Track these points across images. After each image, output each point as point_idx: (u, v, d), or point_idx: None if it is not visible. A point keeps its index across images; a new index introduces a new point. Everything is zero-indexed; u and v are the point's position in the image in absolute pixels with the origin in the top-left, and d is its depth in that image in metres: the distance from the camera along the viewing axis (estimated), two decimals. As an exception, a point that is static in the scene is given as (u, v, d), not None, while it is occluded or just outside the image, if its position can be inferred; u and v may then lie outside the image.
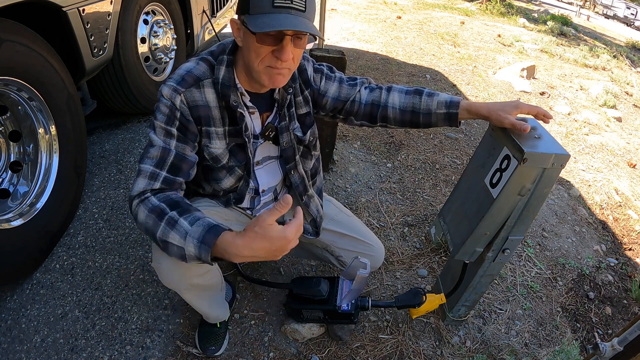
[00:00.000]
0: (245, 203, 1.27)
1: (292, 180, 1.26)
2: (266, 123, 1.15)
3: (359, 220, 1.50)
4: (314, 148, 1.30)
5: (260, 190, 1.27)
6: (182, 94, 1.00)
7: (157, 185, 0.99)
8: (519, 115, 1.11)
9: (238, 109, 1.05)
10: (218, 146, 1.09)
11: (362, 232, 1.43)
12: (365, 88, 1.25)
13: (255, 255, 0.83)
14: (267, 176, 1.26)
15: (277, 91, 1.13)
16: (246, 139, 1.10)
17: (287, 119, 1.16)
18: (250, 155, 1.14)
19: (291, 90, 1.12)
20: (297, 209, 0.86)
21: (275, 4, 0.88)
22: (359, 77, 1.27)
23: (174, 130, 1.01)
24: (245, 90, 1.07)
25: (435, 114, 1.18)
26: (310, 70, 1.19)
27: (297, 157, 1.24)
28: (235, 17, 0.99)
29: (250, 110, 1.10)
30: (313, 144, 1.28)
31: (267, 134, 1.15)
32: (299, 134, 1.20)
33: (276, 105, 1.15)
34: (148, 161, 1.00)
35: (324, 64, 1.25)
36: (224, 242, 0.83)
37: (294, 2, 0.89)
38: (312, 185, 1.34)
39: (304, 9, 0.91)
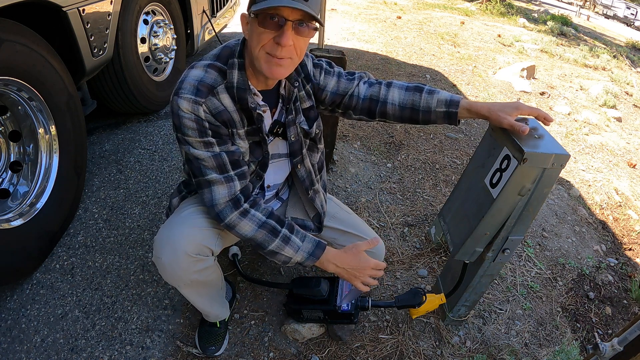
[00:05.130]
0: None
1: (299, 174, 1.28)
2: (273, 119, 1.17)
3: (359, 218, 1.51)
4: (319, 141, 1.32)
5: (266, 186, 1.29)
6: (203, 105, 1.01)
7: (238, 185, 1.09)
8: (519, 116, 1.11)
9: (257, 111, 1.07)
10: (242, 145, 1.12)
11: (362, 230, 1.44)
12: (364, 83, 1.26)
13: (343, 268, 1.16)
14: (274, 172, 1.28)
15: (283, 86, 1.15)
16: (265, 137, 1.14)
17: (293, 112, 1.18)
18: (267, 150, 1.17)
19: (297, 84, 1.14)
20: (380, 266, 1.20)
21: None
22: (357, 71, 1.28)
23: (211, 139, 1.04)
24: (257, 90, 1.09)
25: (435, 112, 1.18)
26: (310, 66, 1.21)
27: (304, 150, 1.26)
28: (245, 12, 1.02)
29: (263, 108, 1.12)
30: (319, 137, 1.31)
31: (275, 130, 1.18)
32: (305, 127, 1.22)
33: (281, 100, 1.16)
34: (211, 171, 1.05)
35: (323, 59, 1.27)
36: (329, 255, 1.15)
37: None
38: (319, 180, 1.36)
39: None
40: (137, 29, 2.26)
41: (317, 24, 0.99)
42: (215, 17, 3.18)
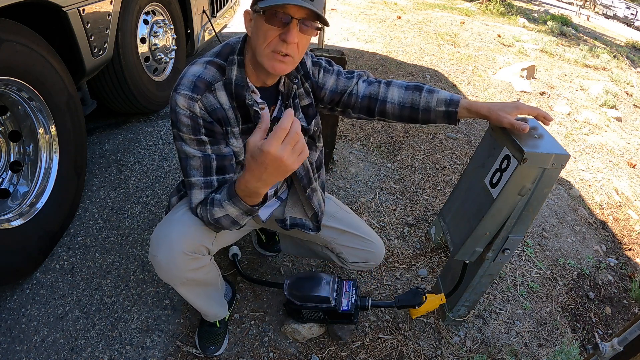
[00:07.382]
0: None
1: (297, 172, 1.28)
2: (272, 117, 1.17)
3: (359, 217, 1.51)
4: (318, 139, 1.32)
5: None
6: (198, 101, 1.01)
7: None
8: (519, 116, 1.11)
9: (253, 108, 1.07)
10: (236, 144, 1.12)
11: (362, 229, 1.44)
12: (364, 81, 1.26)
13: (271, 180, 0.88)
14: None
15: (282, 83, 1.15)
16: None
17: (292, 109, 1.17)
18: None
19: (297, 81, 1.15)
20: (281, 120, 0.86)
21: None
22: (356, 70, 1.29)
23: (204, 137, 1.05)
24: (255, 87, 1.09)
25: (435, 112, 1.19)
26: (309, 64, 1.21)
27: None
28: (249, 8, 1.02)
29: (261, 106, 1.12)
30: (317, 135, 1.30)
31: (273, 127, 1.17)
32: (304, 124, 1.22)
33: (281, 97, 1.16)
34: (195, 172, 1.06)
35: (323, 57, 1.27)
36: (240, 186, 0.94)
37: None
38: (317, 179, 1.35)
39: None
40: (137, 29, 2.26)
41: (320, 24, 1.00)
42: (215, 17, 3.18)
